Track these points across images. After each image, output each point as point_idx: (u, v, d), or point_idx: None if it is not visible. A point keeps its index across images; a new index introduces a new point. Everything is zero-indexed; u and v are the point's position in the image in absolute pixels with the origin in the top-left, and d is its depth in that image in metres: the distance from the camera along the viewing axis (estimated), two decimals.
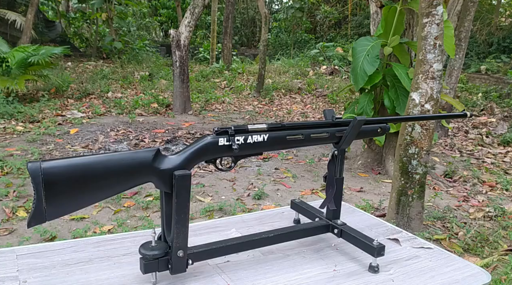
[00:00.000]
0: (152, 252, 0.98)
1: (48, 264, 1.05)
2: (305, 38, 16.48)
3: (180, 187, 0.97)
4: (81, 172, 0.86)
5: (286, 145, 1.13)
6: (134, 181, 0.94)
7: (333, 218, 1.25)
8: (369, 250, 1.12)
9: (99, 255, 1.12)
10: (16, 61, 6.58)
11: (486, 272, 1.14)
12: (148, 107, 6.64)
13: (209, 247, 1.07)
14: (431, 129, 2.64)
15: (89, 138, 4.81)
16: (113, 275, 1.04)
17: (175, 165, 0.98)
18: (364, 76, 3.55)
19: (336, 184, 1.23)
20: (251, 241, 1.13)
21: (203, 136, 1.04)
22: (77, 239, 1.20)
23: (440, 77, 2.59)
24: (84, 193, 0.88)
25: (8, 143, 4.50)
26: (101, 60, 12.24)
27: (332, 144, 1.22)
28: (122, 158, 0.92)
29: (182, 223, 0.99)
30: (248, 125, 1.07)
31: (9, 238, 2.52)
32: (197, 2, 6.48)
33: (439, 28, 2.50)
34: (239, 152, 1.06)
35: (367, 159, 4.33)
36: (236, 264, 1.13)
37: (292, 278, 1.08)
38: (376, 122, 1.24)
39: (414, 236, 1.35)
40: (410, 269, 1.15)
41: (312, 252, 1.22)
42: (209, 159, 1.04)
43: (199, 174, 3.86)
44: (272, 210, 1.53)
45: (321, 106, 7.74)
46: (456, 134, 6.21)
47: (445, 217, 3.11)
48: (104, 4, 12.45)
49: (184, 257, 1.00)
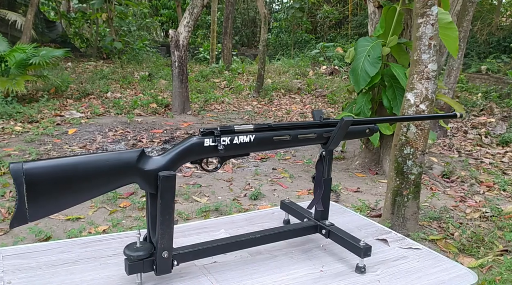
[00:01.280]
0: (136, 253, 0.98)
1: (34, 265, 1.05)
2: (306, 38, 16.47)
3: (165, 188, 0.97)
4: (63, 173, 0.86)
5: (273, 145, 1.13)
6: (118, 182, 0.94)
7: (322, 219, 1.25)
8: (356, 250, 1.12)
9: (86, 256, 1.12)
10: (15, 61, 6.58)
11: (473, 272, 1.14)
12: (147, 107, 6.64)
13: (195, 248, 1.07)
14: (426, 130, 2.64)
15: (87, 138, 4.81)
16: (99, 276, 1.04)
17: (160, 166, 0.98)
18: (366, 77, 3.55)
19: (324, 185, 1.22)
20: (238, 242, 1.13)
21: (188, 136, 1.04)
22: (64, 240, 1.20)
23: (435, 77, 2.58)
24: (67, 194, 0.88)
25: (6, 143, 4.50)
26: (102, 60, 12.25)
27: (320, 144, 1.22)
28: (106, 158, 0.92)
29: (166, 224, 0.99)
30: (235, 126, 1.07)
31: (4, 239, 2.53)
32: (196, 2, 6.49)
33: (434, 28, 2.49)
34: (225, 153, 1.06)
35: (365, 159, 4.32)
36: (223, 265, 1.13)
37: (278, 279, 1.08)
38: (364, 122, 1.24)
39: (403, 236, 1.35)
40: (397, 269, 1.15)
41: (300, 253, 1.22)
42: (195, 160, 1.04)
43: (196, 175, 3.87)
44: (262, 210, 1.53)
45: (321, 106, 7.74)
46: (455, 134, 6.20)
47: (441, 217, 3.11)
48: (104, 4, 12.45)
49: (169, 258, 1.00)
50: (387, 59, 4.10)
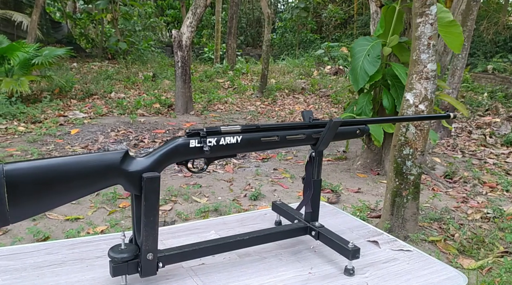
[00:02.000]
0: (120, 255, 0.97)
1: (19, 267, 1.05)
2: (311, 38, 16.44)
3: (149, 190, 0.96)
4: (45, 174, 0.86)
5: (261, 146, 1.12)
6: (102, 183, 0.94)
7: (312, 220, 1.24)
8: (344, 252, 1.11)
9: (72, 257, 1.12)
10: (19, 61, 6.62)
11: (463, 274, 1.12)
12: (150, 107, 6.66)
13: (181, 250, 1.06)
14: (426, 130, 2.62)
15: (89, 139, 4.83)
16: (84, 278, 1.03)
17: (144, 167, 0.97)
18: (365, 76, 3.53)
19: (313, 186, 1.21)
20: (225, 244, 1.12)
21: (174, 137, 1.03)
22: (52, 241, 1.20)
23: (435, 77, 2.56)
24: (49, 195, 0.87)
25: (9, 144, 4.53)
26: (107, 61, 12.30)
27: (310, 145, 1.21)
28: (89, 160, 0.92)
29: (151, 225, 0.98)
30: (221, 127, 1.06)
31: (3, 239, 2.54)
32: (198, 2, 6.49)
33: (433, 28, 2.47)
34: (211, 154, 1.05)
35: (367, 160, 4.30)
36: (210, 267, 1.13)
37: (265, 281, 1.08)
38: (355, 123, 1.23)
39: (394, 238, 1.33)
40: (386, 272, 1.14)
41: (289, 255, 1.21)
42: (180, 161, 1.04)
43: (197, 175, 3.86)
44: (255, 211, 1.52)
45: (324, 106, 7.72)
46: (459, 135, 6.15)
47: (442, 218, 3.09)
48: (109, 5, 12.50)
49: (153, 260, 0.99)
50: (389, 59, 4.08)
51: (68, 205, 3.06)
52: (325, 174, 4.07)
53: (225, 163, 4.22)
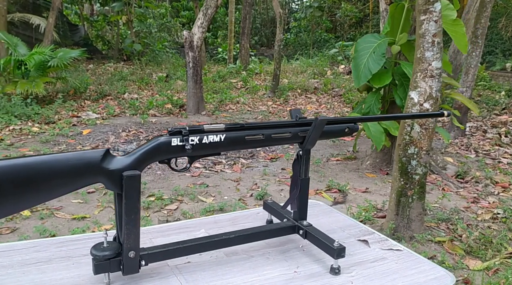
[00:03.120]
0: (102, 253, 0.98)
1: (6, 264, 1.07)
2: (325, 37, 16.34)
3: (129, 188, 0.97)
4: (23, 172, 0.87)
5: (246, 145, 1.12)
6: (82, 181, 0.95)
7: (300, 219, 1.24)
8: (329, 251, 1.11)
9: (60, 255, 1.13)
10: (34, 63, 6.74)
11: (451, 274, 1.10)
12: (162, 107, 6.71)
13: (165, 248, 1.07)
14: (431, 129, 2.58)
15: (100, 139, 4.89)
16: (69, 275, 1.05)
17: (125, 166, 0.98)
18: (367, 73, 3.49)
19: (300, 185, 1.21)
20: (210, 242, 1.12)
21: (156, 136, 1.04)
22: (41, 239, 1.22)
23: (440, 75, 2.52)
24: (27, 194, 0.88)
25: (22, 144, 4.61)
26: (122, 62, 12.45)
27: (298, 144, 1.20)
28: (68, 158, 0.93)
29: (132, 224, 0.99)
30: (204, 125, 1.06)
31: (11, 237, 2.59)
32: (209, 3, 6.52)
33: (437, 25, 2.43)
34: (194, 153, 1.05)
35: (376, 159, 4.26)
36: (196, 265, 1.13)
37: (249, 280, 1.07)
38: (343, 121, 1.22)
39: (385, 237, 1.32)
40: (373, 271, 1.12)
41: (277, 253, 1.21)
42: (162, 160, 1.04)
43: (205, 175, 3.88)
44: (247, 211, 1.52)
45: (336, 105, 7.67)
46: (473, 134, 6.04)
47: (450, 219, 3.03)
48: (125, 7, 12.65)
49: (135, 258, 1.00)
50: (399, 57, 4.03)
51: (76, 204, 3.10)
52: (333, 173, 4.05)
53: (233, 162, 4.23)
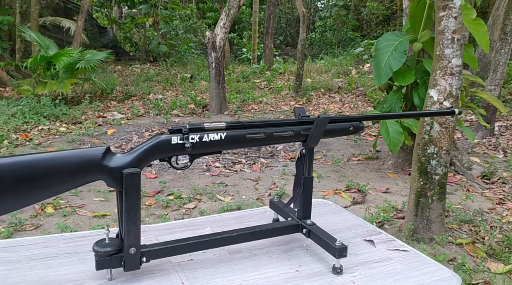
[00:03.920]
0: (104, 249, 1.00)
1: (15, 258, 1.10)
2: (351, 36, 16.15)
3: (129, 185, 0.98)
4: (24, 170, 0.89)
5: (247, 143, 1.12)
6: (83, 179, 0.97)
7: (304, 218, 1.23)
8: (331, 250, 1.09)
9: (67, 251, 1.16)
10: (63, 65, 6.93)
11: (457, 276, 1.08)
12: (185, 108, 6.78)
13: (166, 246, 1.08)
14: (451, 128, 2.52)
15: (124, 139, 4.99)
16: (73, 270, 1.07)
17: (125, 163, 0.99)
18: (388, 71, 3.43)
19: (304, 184, 1.20)
20: (212, 240, 1.13)
21: (157, 134, 1.05)
22: (50, 235, 1.25)
23: (460, 73, 2.46)
24: (28, 191, 0.90)
25: (49, 144, 4.75)
26: (149, 63, 12.66)
27: (301, 142, 1.19)
28: (69, 156, 0.95)
29: (132, 221, 1.00)
30: (205, 124, 1.07)
31: (34, 233, 2.67)
32: (232, 3, 6.55)
33: (457, 21, 2.37)
34: (194, 151, 1.06)
35: (398, 159, 4.18)
36: (198, 263, 1.14)
37: (250, 278, 1.07)
38: (347, 120, 1.20)
39: (393, 238, 1.29)
40: (376, 271, 1.11)
41: (280, 252, 1.21)
42: (163, 158, 1.05)
43: (224, 174, 3.90)
44: (254, 209, 1.52)
45: (360, 105, 7.57)
46: (503, 133, 5.86)
47: (473, 220, 2.95)
48: (151, 9, 12.85)
49: (136, 254, 1.02)
50: (422, 55, 3.95)
51: (97, 202, 3.17)
52: (354, 173, 4.00)
53: (253, 162, 4.24)
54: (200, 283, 1.04)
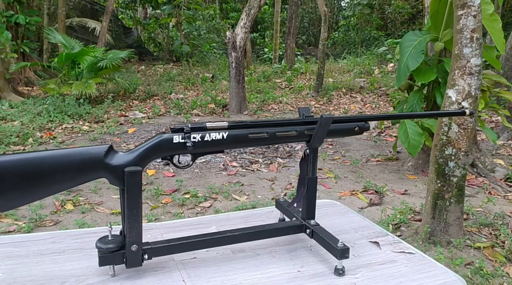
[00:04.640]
0: (106, 245, 1.02)
1: (23, 253, 1.13)
2: (375, 35, 15.96)
3: (131, 183, 0.99)
4: (28, 167, 0.92)
5: (249, 143, 1.12)
6: (85, 176, 0.98)
7: (307, 218, 1.22)
8: (333, 251, 1.09)
9: (74, 247, 1.18)
10: (87, 65, 7.09)
11: (462, 280, 1.05)
12: (205, 107, 6.83)
13: (168, 243, 1.09)
14: (470, 129, 2.46)
15: (144, 137, 5.06)
16: (78, 266, 1.09)
17: (128, 162, 1.01)
18: (406, 71, 3.38)
19: (308, 184, 1.19)
20: (214, 239, 1.14)
21: (159, 133, 1.06)
22: (58, 231, 1.28)
23: (479, 72, 2.40)
24: (32, 188, 0.92)
25: (72, 142, 4.86)
26: (171, 63, 12.80)
27: (305, 142, 1.19)
28: (73, 153, 0.97)
29: (134, 218, 1.02)
30: (207, 123, 1.08)
31: (53, 228, 2.73)
32: (252, 3, 6.56)
33: (476, 20, 2.31)
34: (196, 150, 1.07)
35: (418, 161, 4.11)
36: (201, 261, 1.15)
37: (251, 277, 1.07)
38: (352, 120, 1.19)
39: (399, 240, 1.27)
40: (380, 273, 1.09)
41: (284, 252, 1.20)
42: (165, 156, 1.06)
43: (241, 173, 3.91)
44: (261, 209, 1.53)
45: (382, 105, 7.48)
46: None
47: (494, 224, 2.88)
48: (174, 10, 12.99)
49: (138, 251, 1.03)
50: (444, 54, 3.88)
51: (115, 200, 3.23)
52: (372, 174, 3.95)
53: (270, 162, 4.24)
54: (201, 281, 1.05)
